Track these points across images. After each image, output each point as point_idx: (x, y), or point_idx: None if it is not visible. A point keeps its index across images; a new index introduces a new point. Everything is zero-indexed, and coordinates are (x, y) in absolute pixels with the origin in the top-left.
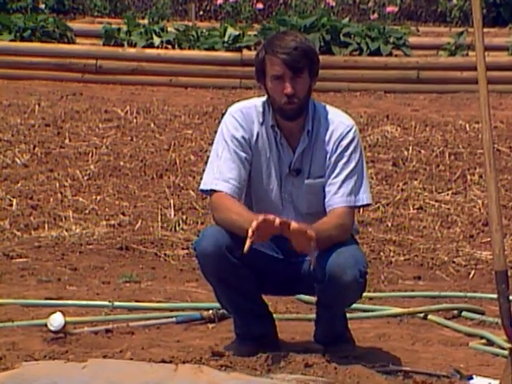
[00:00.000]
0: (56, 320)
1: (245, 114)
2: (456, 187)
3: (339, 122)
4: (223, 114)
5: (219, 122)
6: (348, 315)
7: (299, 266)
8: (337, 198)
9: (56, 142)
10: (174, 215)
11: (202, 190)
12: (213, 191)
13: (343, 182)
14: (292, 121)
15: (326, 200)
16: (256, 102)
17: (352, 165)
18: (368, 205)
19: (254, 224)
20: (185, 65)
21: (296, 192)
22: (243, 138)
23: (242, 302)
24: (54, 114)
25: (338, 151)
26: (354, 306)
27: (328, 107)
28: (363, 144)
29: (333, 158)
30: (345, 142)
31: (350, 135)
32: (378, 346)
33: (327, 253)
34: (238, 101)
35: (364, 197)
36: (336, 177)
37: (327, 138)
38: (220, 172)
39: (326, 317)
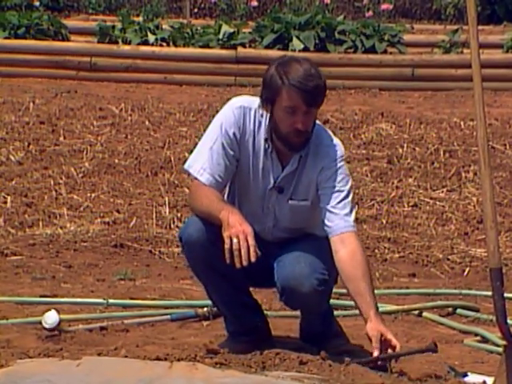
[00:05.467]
0: (50, 317)
1: (244, 112)
2: (451, 184)
3: (326, 152)
4: (225, 103)
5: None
6: (343, 312)
7: (271, 266)
8: (345, 227)
9: (50, 139)
10: (169, 212)
11: (187, 170)
12: (196, 178)
13: (341, 210)
14: (296, 152)
15: (328, 226)
16: (260, 108)
17: (343, 194)
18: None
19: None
20: (179, 62)
21: (278, 207)
22: (234, 135)
23: (231, 291)
24: (49, 111)
25: (326, 182)
26: (349, 303)
27: (322, 132)
28: (358, 141)
29: (324, 189)
30: (330, 172)
31: (336, 165)
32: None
33: (285, 260)
34: (236, 96)
35: (355, 225)
36: (333, 206)
37: (313, 166)
38: (208, 163)
39: (304, 319)
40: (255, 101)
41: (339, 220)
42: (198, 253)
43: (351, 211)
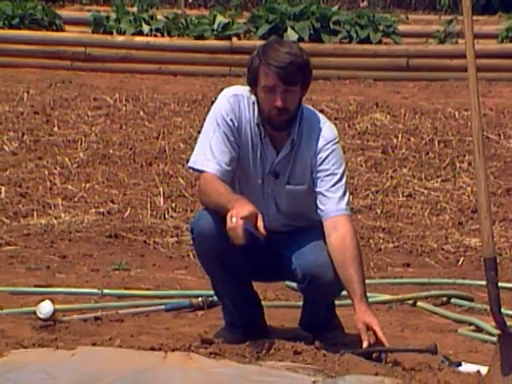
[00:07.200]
0: (45, 307)
1: (238, 100)
2: (445, 174)
3: (319, 135)
4: (219, 93)
5: (209, 109)
6: (337, 302)
7: (281, 255)
8: (337, 210)
9: (45, 129)
10: (164, 203)
11: (191, 168)
12: (202, 171)
13: (334, 194)
14: (279, 131)
15: (321, 209)
16: (250, 93)
17: (336, 178)
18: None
19: (246, 212)
20: (174, 52)
21: (277, 191)
22: (232, 121)
23: (235, 284)
24: (43, 101)
25: (320, 165)
26: (344, 293)
27: (315, 115)
28: (353, 132)
29: (318, 172)
30: (323, 155)
31: (329, 148)
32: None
33: (303, 249)
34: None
35: (348, 208)
36: (326, 189)
37: (307, 149)
38: (212, 153)
39: (310, 308)
40: (247, 89)
41: (332, 203)
42: (209, 245)
43: (344, 194)
